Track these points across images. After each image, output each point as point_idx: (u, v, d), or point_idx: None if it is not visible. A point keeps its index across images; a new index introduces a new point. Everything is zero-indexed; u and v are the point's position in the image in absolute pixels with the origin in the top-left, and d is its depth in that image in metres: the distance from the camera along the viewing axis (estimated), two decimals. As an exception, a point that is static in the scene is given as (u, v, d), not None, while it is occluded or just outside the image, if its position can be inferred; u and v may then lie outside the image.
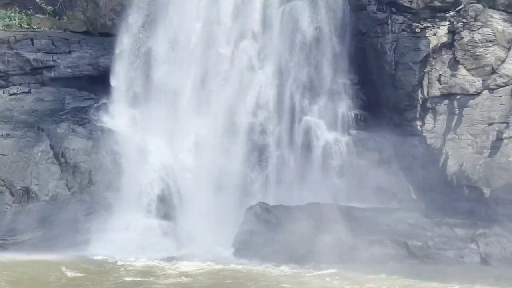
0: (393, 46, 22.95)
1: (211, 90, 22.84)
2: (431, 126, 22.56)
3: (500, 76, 21.70)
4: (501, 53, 21.78)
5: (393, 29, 22.97)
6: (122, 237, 20.01)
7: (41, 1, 25.77)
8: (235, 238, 19.85)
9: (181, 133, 22.55)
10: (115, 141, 22.07)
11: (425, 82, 22.64)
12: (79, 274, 17.00)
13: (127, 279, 16.81)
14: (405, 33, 22.90)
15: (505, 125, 21.25)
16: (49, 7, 25.81)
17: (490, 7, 21.99)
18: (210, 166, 22.23)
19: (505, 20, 21.83)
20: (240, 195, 21.83)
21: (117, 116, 22.68)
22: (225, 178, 22.12)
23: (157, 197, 21.45)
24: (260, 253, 19.18)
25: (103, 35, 24.81)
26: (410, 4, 22.90)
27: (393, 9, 23.13)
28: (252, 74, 23.01)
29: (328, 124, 22.96)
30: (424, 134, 22.54)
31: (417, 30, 22.74)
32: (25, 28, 25.28)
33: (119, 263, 18.43)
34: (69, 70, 23.92)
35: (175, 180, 21.94)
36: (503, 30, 21.76)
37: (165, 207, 21.43)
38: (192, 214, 21.15)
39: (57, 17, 25.86)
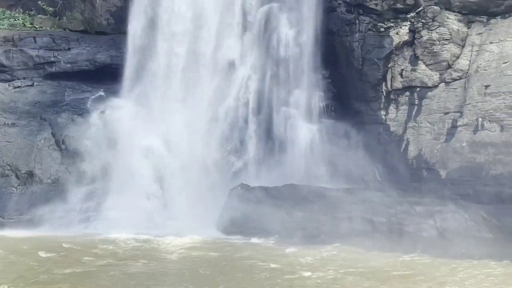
0: (360, 44, 22.92)
1: (198, 83, 22.70)
2: (394, 115, 22.58)
3: (455, 71, 21.74)
4: (456, 50, 21.81)
5: (360, 29, 22.94)
6: (117, 215, 19.88)
7: (43, 3, 25.50)
8: (219, 216, 19.81)
9: (171, 122, 22.40)
10: (110, 129, 21.93)
11: (388, 76, 22.64)
12: (78, 248, 16.86)
13: (122, 253, 16.72)
14: (371, 32, 22.87)
15: (459, 114, 21.29)
16: (50, 8, 25.55)
17: (446, 9, 21.99)
18: (197, 151, 22.13)
19: (459, 21, 21.85)
20: (224, 178, 21.80)
21: (113, 106, 22.51)
22: (210, 162, 22.07)
23: (149, 179, 21.37)
24: (242, 229, 19.20)
25: (99, 34, 24.63)
26: (376, 6, 22.88)
27: (360, 11, 23.08)
28: (234, 69, 22.91)
29: (303, 114, 22.93)
30: (387, 123, 22.55)
31: (382, 29, 22.71)
32: (28, 27, 25.02)
33: (115, 239, 18.31)
34: (68, 65, 23.72)
35: (165, 164, 21.85)
36: (458, 29, 21.79)
37: (156, 188, 21.35)
38: (180, 195, 21.07)
39: (57, 17, 25.61)
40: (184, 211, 20.52)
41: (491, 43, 21.22)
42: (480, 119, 20.71)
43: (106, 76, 22.96)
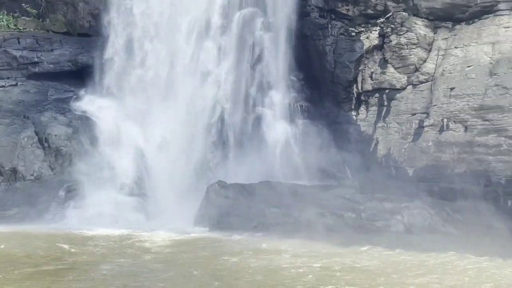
0: (333, 48, 22.96)
1: (177, 85, 22.52)
2: (364, 116, 22.68)
3: (422, 74, 21.89)
4: (423, 54, 21.95)
5: (333, 33, 22.96)
6: (99, 211, 19.64)
7: (27, 5, 25.15)
8: (197, 212, 19.67)
9: (152, 121, 22.22)
10: (92, 128, 21.68)
11: (359, 78, 22.73)
12: (62, 245, 16.52)
13: (104, 248, 16.48)
14: (342, 36, 22.92)
15: (425, 115, 21.45)
16: (34, 10, 25.19)
17: (414, 15, 22.12)
18: (176, 150, 21.98)
19: (426, 26, 21.99)
20: (202, 175, 21.68)
21: (94, 105, 22.25)
22: (189, 160, 21.93)
23: (129, 177, 21.15)
24: (219, 224, 19.08)
25: (81, 35, 24.34)
26: (347, 12, 22.92)
27: (333, 16, 23.12)
28: (212, 71, 22.78)
29: (278, 114, 22.91)
30: (358, 123, 22.65)
31: (353, 34, 22.77)
32: (12, 28, 24.63)
33: (96, 234, 18.08)
34: (51, 65, 23.42)
35: (146, 162, 21.65)
36: (425, 34, 21.92)
37: (136, 185, 21.14)
38: (160, 192, 20.92)
39: (40, 19, 25.25)
40: (163, 208, 20.37)
41: (456, 47, 21.38)
42: (445, 120, 20.87)
43: (87, 76, 22.67)
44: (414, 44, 21.89)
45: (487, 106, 20.26)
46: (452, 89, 21.05)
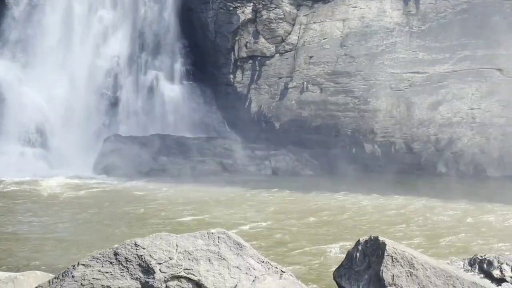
0: (214, 20, 22.74)
1: (76, 50, 21.40)
2: (240, 79, 22.86)
3: (287, 44, 22.31)
4: (288, 27, 22.32)
5: (214, 7, 22.72)
6: (4, 161, 18.42)
7: None
8: (95, 161, 19.16)
9: (53, 81, 20.98)
10: (-2, 87, 20.17)
11: (236, 47, 22.76)
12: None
13: (8, 189, 15.55)
14: (222, 10, 22.75)
15: (290, 78, 22.00)
16: None
17: (281, -6, 22.36)
18: (76, 106, 20.99)
19: (291, 4, 22.35)
20: (100, 128, 20.98)
21: (1, 69, 20.62)
22: (88, 115, 21.07)
23: (33, 130, 20.03)
24: (115, 171, 18.70)
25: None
26: (226, -12, 22.70)
27: (214, -9, 22.83)
28: (108, 38, 21.85)
29: (167, 76, 22.52)
30: (235, 85, 22.80)
31: (231, 8, 22.66)
32: None
33: (4, 182, 16.95)
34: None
35: (47, 117, 20.52)
36: (290, 11, 22.27)
37: (39, 138, 20.09)
38: (62, 143, 20.01)
39: None
40: (65, 157, 19.53)
41: (314, 23, 21.94)
42: (305, 83, 21.54)
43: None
44: (281, 19, 22.18)
45: (338, 72, 21.13)
46: (311, 57, 21.68)
